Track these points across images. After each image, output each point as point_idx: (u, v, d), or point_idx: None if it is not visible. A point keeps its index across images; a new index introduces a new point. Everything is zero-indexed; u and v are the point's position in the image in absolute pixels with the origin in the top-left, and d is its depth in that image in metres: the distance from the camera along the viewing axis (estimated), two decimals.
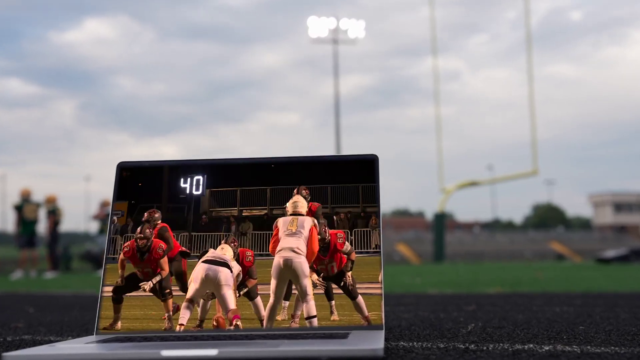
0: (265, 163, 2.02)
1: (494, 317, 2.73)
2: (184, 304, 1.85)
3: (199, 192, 1.99)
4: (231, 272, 1.87)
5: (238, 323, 1.81)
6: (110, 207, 2.03)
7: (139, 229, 1.96)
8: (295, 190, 1.94)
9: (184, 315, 1.83)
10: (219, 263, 1.88)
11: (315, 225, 1.88)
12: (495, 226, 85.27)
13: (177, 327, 1.82)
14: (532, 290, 5.42)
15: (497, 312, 3.01)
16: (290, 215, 1.90)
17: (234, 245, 1.92)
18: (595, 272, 11.27)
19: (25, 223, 13.81)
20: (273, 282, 1.84)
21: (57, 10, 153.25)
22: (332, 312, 1.84)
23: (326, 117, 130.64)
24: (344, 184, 1.99)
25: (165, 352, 1.43)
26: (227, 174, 2.03)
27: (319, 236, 1.89)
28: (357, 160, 2.00)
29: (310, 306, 1.81)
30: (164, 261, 1.94)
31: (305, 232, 1.87)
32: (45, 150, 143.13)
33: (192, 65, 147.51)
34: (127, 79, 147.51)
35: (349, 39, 37.71)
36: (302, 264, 1.84)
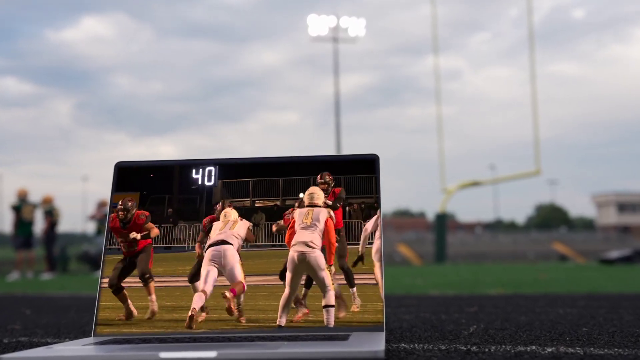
0: (264, 164, 2.01)
1: (496, 319, 2.71)
2: (196, 293, 1.86)
3: (211, 183, 2.00)
4: (233, 245, 1.91)
5: (227, 295, 1.82)
6: (108, 207, 2.02)
7: (120, 200, 1.99)
8: (319, 177, 1.94)
9: (197, 300, 1.85)
10: (221, 243, 1.91)
11: (331, 217, 1.90)
12: (498, 227, 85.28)
13: (191, 311, 1.83)
14: (534, 291, 5.40)
15: (499, 314, 3.00)
16: (307, 206, 1.91)
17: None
18: (599, 273, 11.24)
19: (23, 224, 13.74)
20: (288, 275, 1.86)
21: (54, 8, 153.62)
22: (354, 300, 1.84)
23: (326, 116, 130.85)
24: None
25: (164, 354, 1.42)
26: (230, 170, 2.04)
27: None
28: (357, 160, 1.98)
29: (330, 296, 1.83)
30: (150, 225, 1.97)
31: (321, 225, 1.88)
32: (41, 150, 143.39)
33: (191, 64, 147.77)
34: (124, 77, 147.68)
35: (349, 37, 37.66)
36: (317, 258, 1.85)
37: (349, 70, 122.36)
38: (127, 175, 2.03)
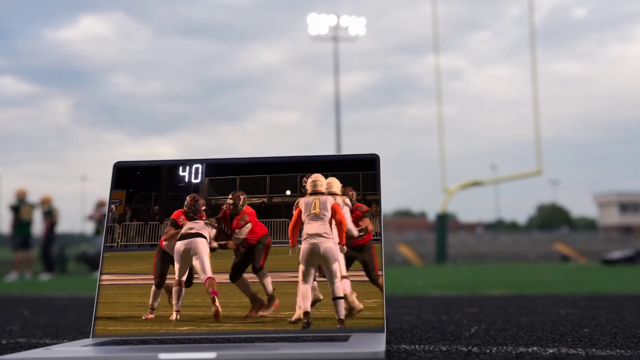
0: (263, 164, 2.00)
1: (497, 320, 2.70)
2: (174, 288, 1.87)
3: (198, 180, 2.00)
4: (206, 239, 1.92)
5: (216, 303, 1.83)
6: (107, 207, 2.01)
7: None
8: (305, 178, 1.93)
9: (177, 302, 1.86)
10: (193, 235, 1.92)
11: (337, 203, 1.89)
12: (499, 227, 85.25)
13: (173, 315, 1.84)
14: (536, 292, 5.38)
15: (501, 315, 2.99)
16: (310, 195, 1.90)
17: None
18: (601, 274, 11.22)
19: (22, 224, 13.69)
20: (302, 267, 1.85)
21: (52, 7, 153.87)
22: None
23: (326, 115, 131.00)
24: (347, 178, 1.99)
25: (163, 355, 1.41)
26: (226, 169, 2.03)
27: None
28: (358, 159, 1.97)
29: (338, 288, 1.83)
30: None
31: (329, 213, 1.88)
32: (40, 150, 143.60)
33: (190, 63, 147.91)
34: (123, 77, 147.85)
35: (349, 36, 37.58)
36: (332, 249, 1.85)
37: (350, 69, 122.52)
38: (126, 175, 2.02)
